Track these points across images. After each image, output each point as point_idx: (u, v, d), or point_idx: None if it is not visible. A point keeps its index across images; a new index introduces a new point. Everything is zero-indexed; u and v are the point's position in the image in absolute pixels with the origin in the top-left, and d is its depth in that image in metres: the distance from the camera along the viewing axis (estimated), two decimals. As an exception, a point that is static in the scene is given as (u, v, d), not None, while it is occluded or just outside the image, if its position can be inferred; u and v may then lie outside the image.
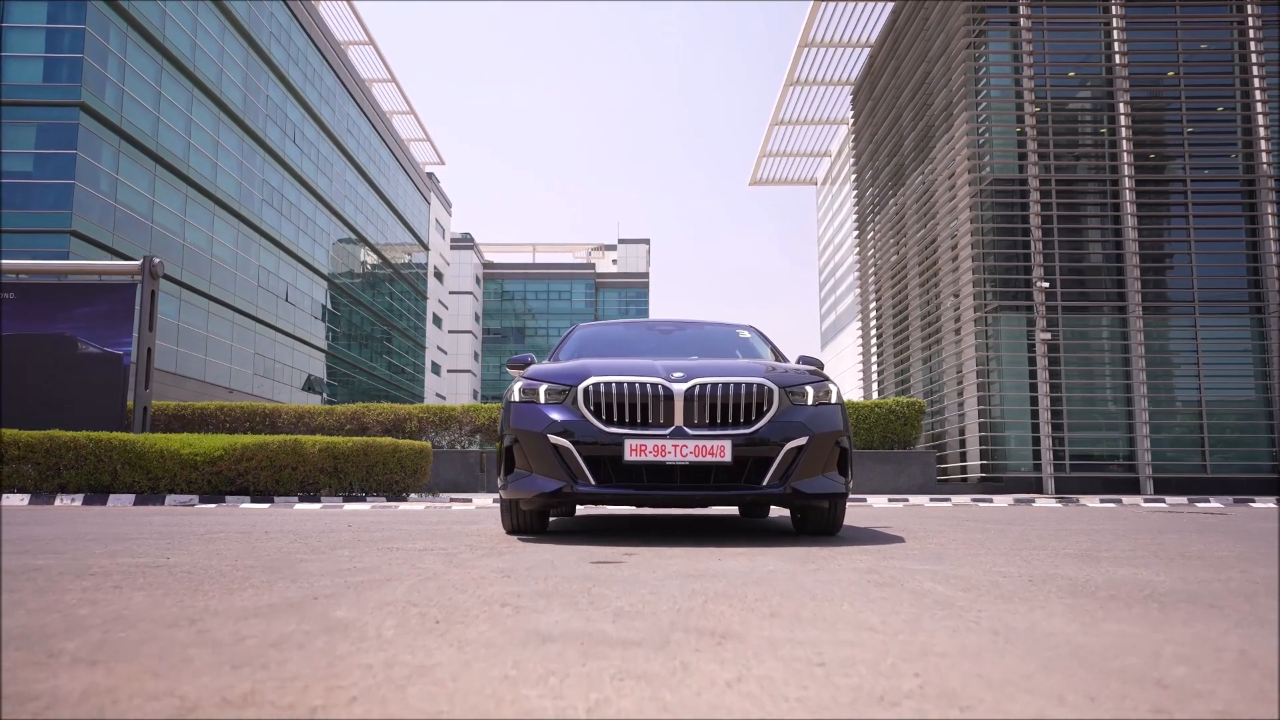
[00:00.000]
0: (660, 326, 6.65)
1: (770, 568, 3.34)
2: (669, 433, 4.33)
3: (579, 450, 4.36)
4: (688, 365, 4.69)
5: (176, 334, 33.46)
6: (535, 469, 4.48)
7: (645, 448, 4.30)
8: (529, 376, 4.83)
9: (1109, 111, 22.46)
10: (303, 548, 4.11)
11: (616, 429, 4.37)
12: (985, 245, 22.20)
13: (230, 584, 2.76)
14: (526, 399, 4.65)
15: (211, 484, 11.83)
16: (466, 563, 3.49)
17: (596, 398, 4.46)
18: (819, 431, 4.49)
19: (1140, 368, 21.49)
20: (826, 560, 3.63)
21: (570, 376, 4.62)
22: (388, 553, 3.88)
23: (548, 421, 4.46)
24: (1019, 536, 5.21)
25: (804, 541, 4.65)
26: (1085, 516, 8.88)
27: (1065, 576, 3.12)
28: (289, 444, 12.17)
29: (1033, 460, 21.69)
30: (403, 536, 4.88)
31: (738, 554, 3.87)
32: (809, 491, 4.46)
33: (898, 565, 3.45)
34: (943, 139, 24.02)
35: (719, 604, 2.40)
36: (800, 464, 4.42)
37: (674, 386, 4.42)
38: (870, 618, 2.17)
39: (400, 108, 63.31)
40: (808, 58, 30.84)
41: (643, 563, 3.49)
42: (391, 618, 2.13)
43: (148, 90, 31.80)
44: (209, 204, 36.04)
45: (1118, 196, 22.16)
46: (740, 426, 4.41)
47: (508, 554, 3.85)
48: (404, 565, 3.37)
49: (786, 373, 4.81)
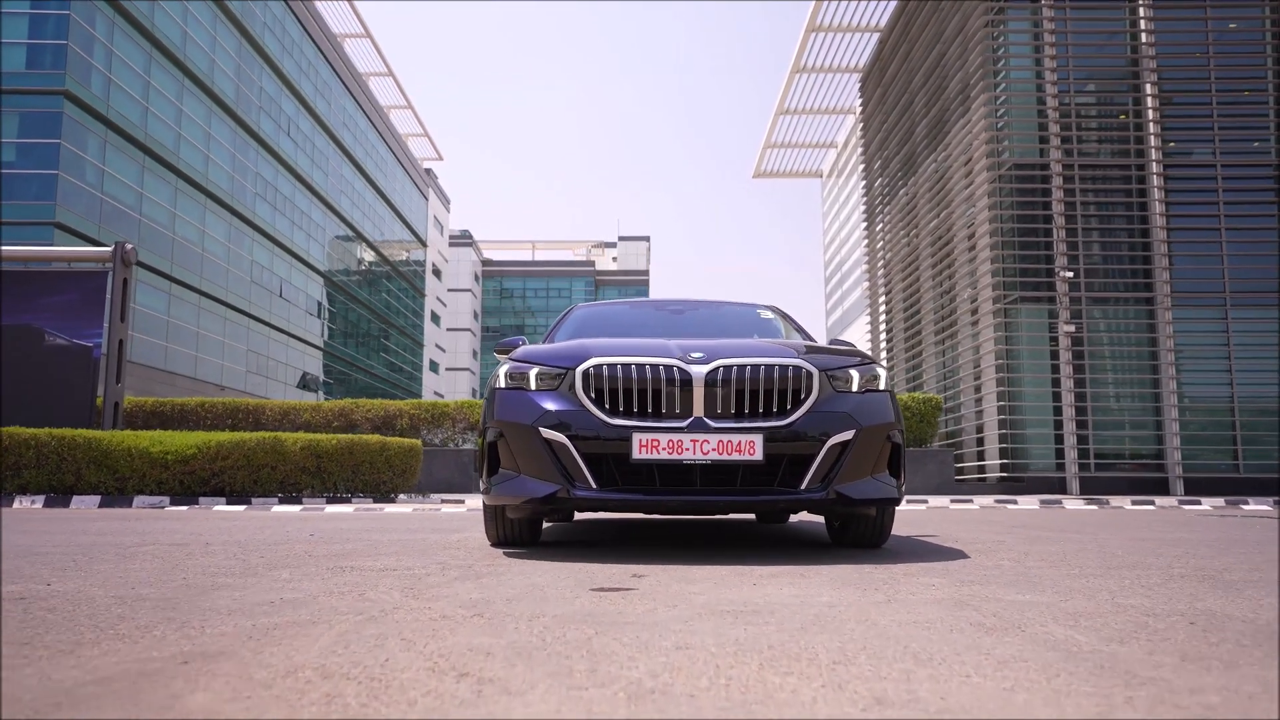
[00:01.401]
0: (670, 306, 5.88)
1: (826, 598, 2.55)
2: (687, 425, 3.60)
3: (577, 446, 3.62)
4: (708, 345, 3.94)
5: (166, 330, 32.70)
6: (524, 469, 3.73)
7: (658, 443, 3.57)
8: (517, 359, 4.06)
9: (1134, 94, 21.52)
10: (236, 568, 3.31)
11: (623, 420, 3.63)
12: (1005, 233, 21.29)
13: (88, 631, 1.97)
14: (514, 385, 3.91)
15: (184, 484, 11.06)
16: (431, 591, 2.69)
17: (598, 382, 3.71)
18: (867, 424, 3.75)
19: (1169, 362, 20.49)
20: (892, 586, 2.83)
21: (566, 358, 3.88)
22: (336, 575, 3.08)
23: (539, 412, 3.72)
24: (1098, 549, 4.42)
25: (848, 555, 3.88)
26: (1142, 522, 8.13)
27: (1220, 613, 2.32)
28: (268, 441, 11.39)
29: (1055, 459, 20.78)
30: (367, 550, 4.08)
31: (776, 576, 3.08)
32: (857, 497, 3.71)
33: (988, 595, 2.66)
34: (958, 124, 23.10)
35: (781, 667, 1.61)
36: (846, 463, 3.69)
37: (693, 369, 3.68)
38: (1026, 698, 1.38)
39: (398, 102, 62.52)
40: (815, 43, 29.98)
41: (658, 590, 2.70)
42: (279, 705, 1.34)
43: (136, 79, 31.00)
44: (200, 197, 35.25)
45: (1144, 183, 21.20)
46: (773, 418, 3.66)
47: (487, 577, 3.06)
48: (347, 596, 2.57)
49: (826, 354, 4.06)
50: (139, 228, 30.97)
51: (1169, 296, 20.88)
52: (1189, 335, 21.14)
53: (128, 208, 30.45)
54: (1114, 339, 21.37)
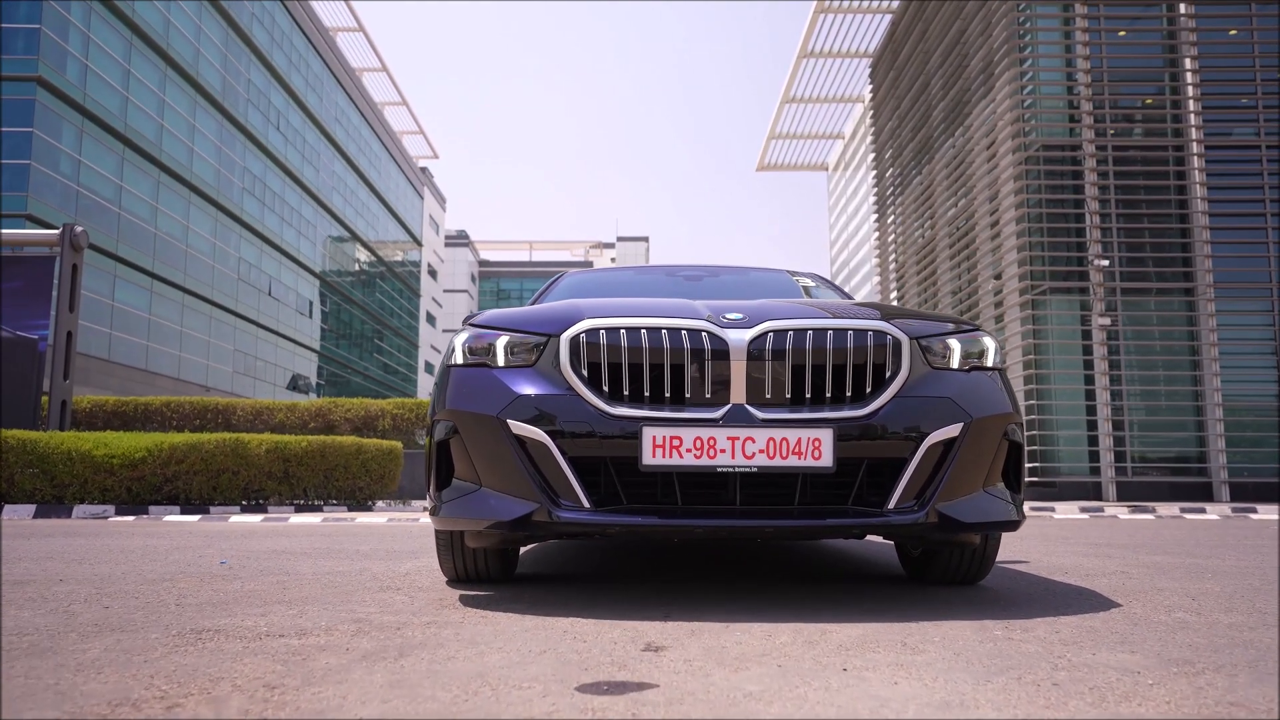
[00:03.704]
0: (684, 271, 4.55)
1: (977, 701, 1.32)
2: (722, 416, 2.47)
3: (563, 447, 2.48)
4: (749, 305, 2.72)
5: (148, 328, 31.43)
6: (486, 480, 2.56)
7: (680, 442, 2.44)
8: (480, 324, 2.83)
9: (1172, 69, 20.16)
10: (44, 629, 2.03)
11: (629, 409, 2.49)
12: (1032, 219, 19.93)
13: None
14: (474, 360, 2.72)
15: (132, 492, 9.81)
16: (308, 693, 1.43)
17: (594, 354, 2.56)
18: (979, 415, 2.61)
19: (1213, 357, 19.05)
20: (1072, 675, 1.62)
21: (549, 321, 2.70)
22: (175, 652, 1.80)
23: (509, 397, 2.56)
24: (1259, 584, 3.17)
25: (948, 601, 2.67)
26: (1249, 536, 7.00)
27: None
28: (228, 444, 10.14)
29: (1089, 462, 19.40)
30: (269, 594, 2.80)
31: (868, 645, 1.87)
32: (966, 520, 2.54)
33: (1226, 687, 1.41)
34: (980, 105, 21.74)
35: None
36: (950, 470, 2.54)
37: (730, 335, 2.53)
38: None
39: (392, 99, 61.32)
40: (823, 25, 28.68)
41: (688, 685, 1.50)
42: None
43: (115, 67, 29.72)
44: (184, 191, 33.97)
45: (1183, 164, 19.82)
46: (847, 405, 2.53)
47: (414, 654, 1.80)
48: (153, 707, 1.30)
49: (911, 318, 2.82)
50: (118, 221, 29.69)
51: (1211, 287, 19.49)
52: (1232, 329, 19.74)
53: (106, 200, 29.16)
54: (1152, 333, 19.90)
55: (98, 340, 28.35)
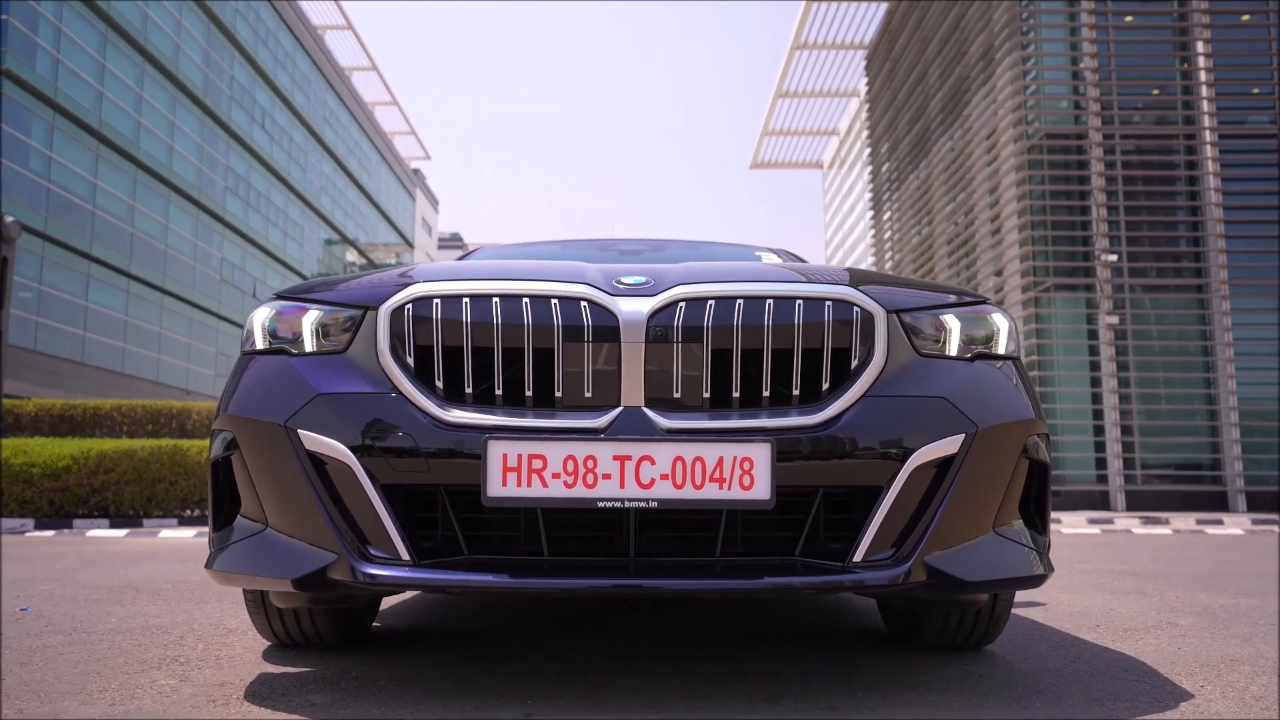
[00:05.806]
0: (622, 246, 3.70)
1: None
2: (607, 423, 1.70)
3: (372, 470, 1.71)
4: (658, 270, 1.89)
5: (124, 330, 30.61)
6: (273, 517, 1.76)
7: (543, 465, 1.65)
8: (287, 294, 2.04)
9: (1183, 52, 19.31)
10: None
11: (471, 413, 1.72)
12: (1035, 212, 19.12)
13: None
14: (274, 345, 1.91)
15: (55, 504, 8.98)
16: None
17: (422, 334, 1.78)
18: (988, 423, 1.84)
19: (1228, 358, 18.15)
20: None
21: (369, 290, 1.89)
22: None
23: (304, 397, 1.77)
24: None
25: (940, 689, 1.93)
26: (1270, 554, 6.31)
27: None
28: (165, 451, 9.33)
29: (1096, 470, 18.50)
30: (9, 669, 1.97)
31: None
32: (969, 578, 1.79)
33: None
34: (980, 93, 20.93)
35: None
36: (947, 505, 1.78)
37: (622, 304, 1.75)
38: None
39: (383, 98, 60.50)
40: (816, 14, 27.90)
41: None
42: None
43: (89, 62, 28.89)
44: (163, 190, 33.13)
45: (1194, 154, 18.95)
46: (792, 407, 1.77)
47: None
48: None
49: (893, 286, 2.03)
50: (92, 220, 28.85)
51: (1225, 284, 18.60)
52: (1248, 328, 18.88)
53: (79, 198, 28.32)
54: (1162, 332, 19.10)
55: (70, 342, 27.60)
